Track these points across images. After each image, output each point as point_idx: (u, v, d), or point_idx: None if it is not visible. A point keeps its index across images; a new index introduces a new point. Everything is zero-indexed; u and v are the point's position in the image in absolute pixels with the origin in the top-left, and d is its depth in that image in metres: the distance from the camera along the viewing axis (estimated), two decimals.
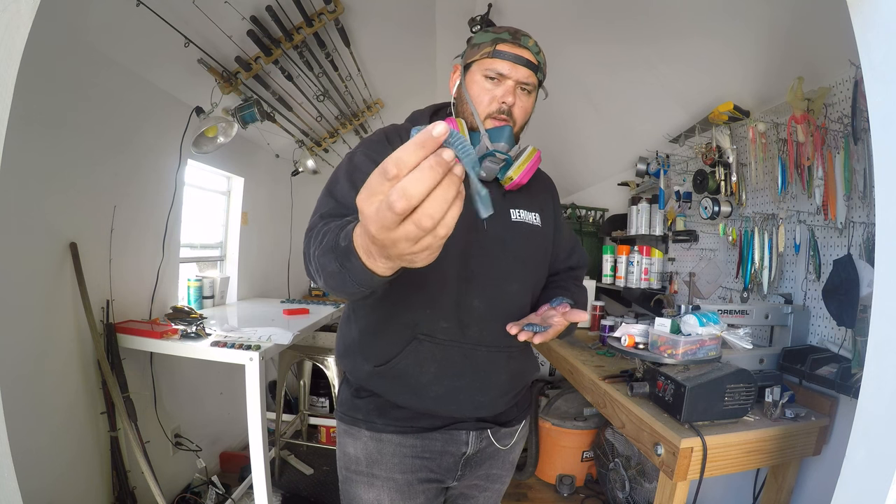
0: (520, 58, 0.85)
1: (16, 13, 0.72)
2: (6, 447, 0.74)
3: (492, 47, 0.85)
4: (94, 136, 1.57)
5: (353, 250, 0.51)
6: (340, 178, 0.83)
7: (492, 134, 0.85)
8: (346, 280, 0.56)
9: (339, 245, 0.55)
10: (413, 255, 0.43)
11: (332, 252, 0.57)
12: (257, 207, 2.89)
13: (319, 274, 0.64)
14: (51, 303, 1.44)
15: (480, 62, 0.87)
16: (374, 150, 0.85)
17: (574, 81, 2.31)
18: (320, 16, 2.01)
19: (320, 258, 0.61)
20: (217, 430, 2.40)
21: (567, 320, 0.82)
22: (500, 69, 0.85)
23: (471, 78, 0.88)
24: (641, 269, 2.32)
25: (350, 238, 0.52)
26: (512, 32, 0.87)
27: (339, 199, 0.79)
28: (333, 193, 0.81)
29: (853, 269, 1.21)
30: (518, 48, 0.85)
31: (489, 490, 1.03)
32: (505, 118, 0.87)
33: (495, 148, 0.84)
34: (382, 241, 0.42)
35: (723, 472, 1.14)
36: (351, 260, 0.52)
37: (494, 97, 0.86)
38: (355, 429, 0.92)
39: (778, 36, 1.44)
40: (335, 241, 0.57)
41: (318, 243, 0.63)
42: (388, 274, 0.52)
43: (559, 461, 2.36)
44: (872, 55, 0.66)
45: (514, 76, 0.85)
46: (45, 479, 1.40)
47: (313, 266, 0.66)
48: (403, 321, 0.86)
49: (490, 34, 0.87)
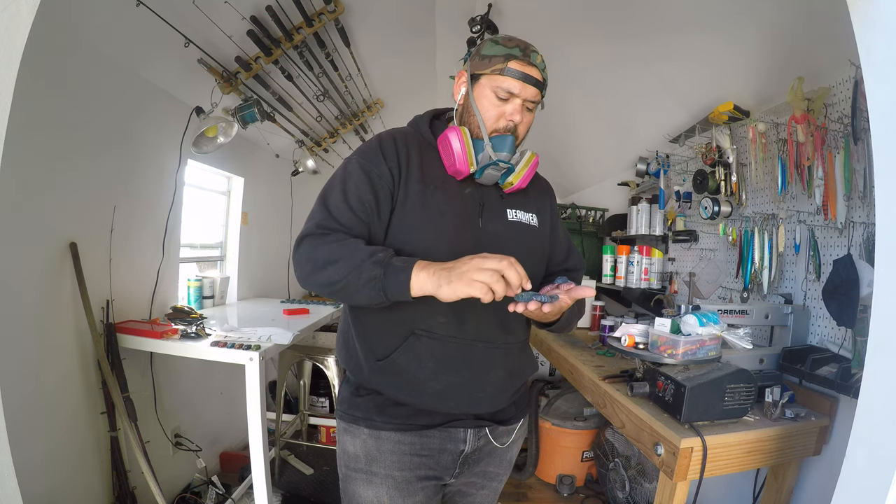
0: (529, 77, 0.87)
1: (16, 13, 0.72)
2: (6, 447, 0.75)
3: (503, 63, 0.87)
4: (93, 135, 1.57)
5: (408, 269, 0.75)
6: (336, 185, 0.89)
7: (495, 143, 0.89)
8: (376, 286, 0.75)
9: (392, 263, 0.76)
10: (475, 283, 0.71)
11: (380, 265, 0.76)
12: (257, 207, 2.89)
13: (324, 269, 0.79)
14: (51, 303, 1.44)
15: (491, 77, 0.89)
16: (366, 159, 0.90)
17: (574, 81, 2.31)
18: (320, 16, 2.02)
19: (345, 262, 0.77)
20: (217, 430, 2.40)
21: (571, 298, 0.82)
22: (511, 88, 0.87)
23: (480, 91, 0.90)
24: (641, 269, 2.32)
25: (411, 263, 0.76)
26: (522, 48, 0.88)
27: (331, 210, 0.86)
28: (327, 204, 0.87)
29: (853, 269, 1.21)
30: (528, 66, 0.87)
31: (486, 488, 1.04)
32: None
33: (498, 158, 0.88)
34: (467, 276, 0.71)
35: (723, 472, 1.14)
36: (398, 275, 0.75)
37: (502, 114, 0.89)
38: (355, 427, 0.92)
39: (778, 36, 1.44)
40: (385, 257, 0.77)
41: (335, 249, 0.79)
42: (419, 295, 0.75)
43: (559, 461, 2.36)
44: (872, 55, 0.66)
45: (523, 95, 0.88)
46: (45, 480, 1.40)
47: (320, 262, 0.79)
48: (401, 316, 0.87)
49: (501, 47, 0.88)
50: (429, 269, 0.75)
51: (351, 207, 0.85)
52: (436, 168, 0.93)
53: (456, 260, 0.75)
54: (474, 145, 0.90)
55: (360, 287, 0.77)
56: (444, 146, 0.91)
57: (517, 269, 0.71)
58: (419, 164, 0.91)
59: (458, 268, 0.72)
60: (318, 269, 0.79)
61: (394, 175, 0.89)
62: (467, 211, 0.92)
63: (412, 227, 0.87)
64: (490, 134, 0.89)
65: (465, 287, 0.70)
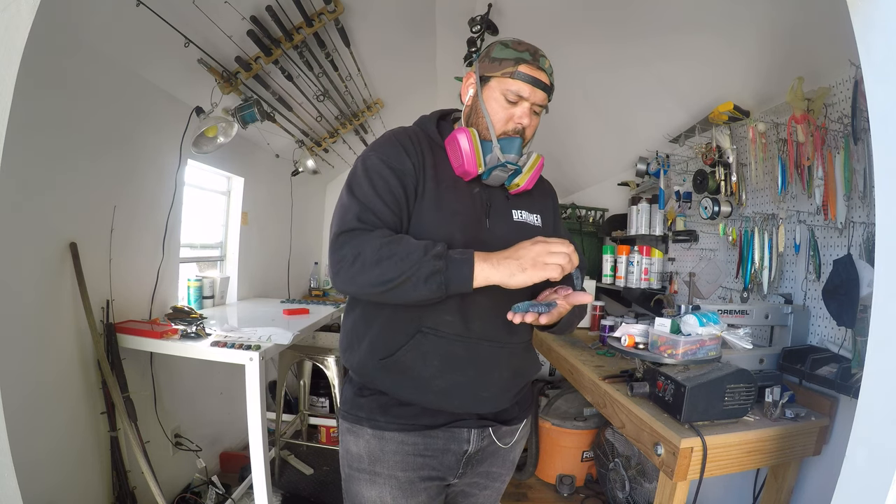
0: (539, 82, 0.88)
1: (16, 13, 0.72)
2: (6, 447, 0.75)
3: (514, 67, 0.88)
4: (93, 135, 1.57)
5: (470, 262, 0.77)
6: (360, 179, 0.88)
7: (503, 145, 0.90)
8: (438, 279, 0.76)
9: (452, 256, 0.78)
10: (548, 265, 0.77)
11: (440, 258, 0.77)
12: (257, 207, 2.89)
13: (377, 266, 0.77)
14: (51, 303, 1.44)
15: (501, 80, 0.89)
16: (386, 154, 0.90)
17: (574, 81, 2.31)
18: (320, 16, 2.01)
19: (400, 258, 0.77)
20: (217, 430, 2.40)
21: (569, 303, 0.84)
22: (521, 91, 0.88)
23: (489, 93, 0.91)
24: (641, 269, 2.32)
25: (470, 254, 0.78)
26: (532, 52, 0.89)
27: (362, 200, 0.85)
28: (356, 195, 0.86)
29: (853, 269, 1.21)
30: (537, 70, 0.89)
31: (489, 488, 1.04)
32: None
33: (507, 159, 0.89)
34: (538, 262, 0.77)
35: (723, 472, 1.14)
36: (461, 268, 0.77)
37: (511, 117, 0.90)
38: (358, 427, 0.92)
39: (778, 36, 1.44)
40: (442, 250, 0.78)
41: (385, 245, 0.78)
42: (481, 286, 0.78)
43: (559, 461, 2.36)
44: (872, 55, 0.66)
45: (532, 99, 0.89)
46: (45, 480, 1.40)
47: (370, 259, 0.77)
48: (408, 314, 0.87)
49: (512, 51, 0.89)
50: (490, 260, 0.78)
51: (385, 202, 0.85)
52: (445, 168, 0.93)
53: (513, 247, 0.80)
54: (482, 146, 0.90)
55: (420, 283, 0.76)
56: (452, 147, 0.91)
57: (576, 252, 0.80)
58: (433, 164, 0.92)
59: (525, 255, 0.78)
60: (369, 267, 0.77)
61: (417, 171, 0.90)
62: (475, 211, 0.93)
63: (427, 225, 0.88)
64: (499, 136, 0.90)
65: (541, 271, 0.76)
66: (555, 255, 0.77)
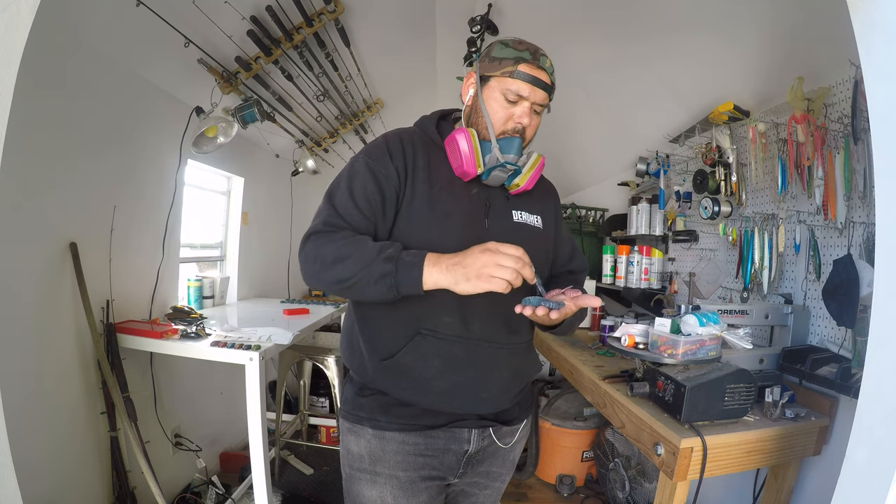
0: (539, 81, 0.88)
1: (16, 13, 0.72)
2: (6, 447, 0.75)
3: (513, 66, 0.87)
4: (93, 135, 1.57)
5: (419, 265, 0.76)
6: (341, 184, 0.89)
7: (503, 145, 0.89)
8: (388, 281, 0.76)
9: (402, 258, 0.77)
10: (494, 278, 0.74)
11: (391, 260, 0.77)
12: (257, 207, 2.89)
13: (333, 266, 0.79)
14: (51, 303, 1.44)
15: (501, 80, 0.89)
16: (373, 158, 0.90)
17: (574, 81, 2.31)
18: (320, 16, 2.01)
19: (354, 258, 0.78)
20: (217, 430, 2.40)
21: (577, 305, 0.83)
22: (521, 91, 0.88)
23: (489, 93, 0.90)
24: (641, 269, 2.32)
25: (421, 257, 0.77)
26: (532, 52, 0.89)
27: (337, 208, 0.86)
28: (333, 202, 0.87)
29: (853, 269, 1.21)
30: (537, 70, 0.88)
31: (489, 488, 1.04)
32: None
33: (506, 160, 0.89)
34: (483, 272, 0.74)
35: (723, 472, 1.14)
36: (410, 270, 0.76)
37: (511, 116, 0.89)
38: (359, 427, 0.92)
39: (778, 36, 1.44)
40: (395, 252, 0.78)
41: (343, 246, 0.80)
42: (431, 289, 0.77)
43: (559, 461, 2.36)
44: (872, 55, 0.66)
45: (532, 98, 0.89)
46: (45, 480, 1.40)
47: (329, 259, 0.80)
48: (407, 316, 0.87)
49: (511, 50, 0.89)
50: (440, 264, 0.76)
51: (357, 205, 0.86)
52: (442, 169, 0.93)
53: (465, 252, 0.77)
54: (482, 147, 0.90)
55: (371, 283, 0.77)
56: (451, 147, 0.91)
57: (530, 264, 0.76)
58: (426, 165, 0.92)
59: (472, 263, 0.74)
60: (327, 267, 0.80)
61: (400, 175, 0.89)
62: (474, 211, 0.92)
63: (419, 227, 0.88)
64: (498, 136, 0.90)
65: (485, 283, 0.73)
66: (502, 268, 0.73)
